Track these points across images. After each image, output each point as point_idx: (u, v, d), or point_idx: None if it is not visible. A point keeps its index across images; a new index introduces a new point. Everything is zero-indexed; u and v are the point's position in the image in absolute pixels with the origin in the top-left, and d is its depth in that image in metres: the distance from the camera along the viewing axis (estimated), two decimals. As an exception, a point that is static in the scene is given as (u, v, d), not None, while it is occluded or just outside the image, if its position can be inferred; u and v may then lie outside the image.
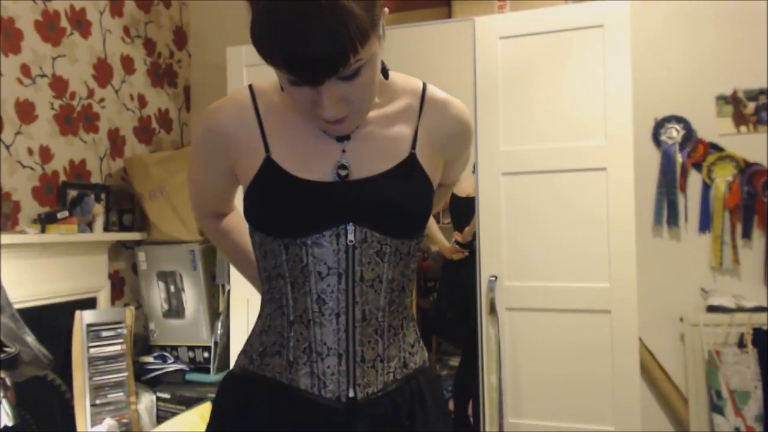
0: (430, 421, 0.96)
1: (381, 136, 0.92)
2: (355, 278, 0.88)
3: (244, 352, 0.99)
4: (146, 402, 2.67)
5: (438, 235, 2.88)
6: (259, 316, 0.98)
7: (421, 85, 0.97)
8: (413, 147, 0.93)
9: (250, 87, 0.95)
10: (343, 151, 0.90)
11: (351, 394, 0.89)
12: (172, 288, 2.91)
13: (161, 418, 2.69)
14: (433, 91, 0.97)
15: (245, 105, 0.93)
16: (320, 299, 0.89)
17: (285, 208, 0.88)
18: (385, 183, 0.90)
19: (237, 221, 1.14)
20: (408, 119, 0.94)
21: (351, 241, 0.87)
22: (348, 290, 0.88)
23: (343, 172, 0.89)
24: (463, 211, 2.63)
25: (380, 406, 0.91)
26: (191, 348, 2.90)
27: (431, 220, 2.87)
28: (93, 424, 2.39)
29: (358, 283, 0.88)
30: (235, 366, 1.00)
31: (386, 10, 0.81)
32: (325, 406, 0.89)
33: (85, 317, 2.48)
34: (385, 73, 0.92)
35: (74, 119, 2.68)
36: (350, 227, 0.87)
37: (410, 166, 0.92)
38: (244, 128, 0.92)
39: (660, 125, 2.61)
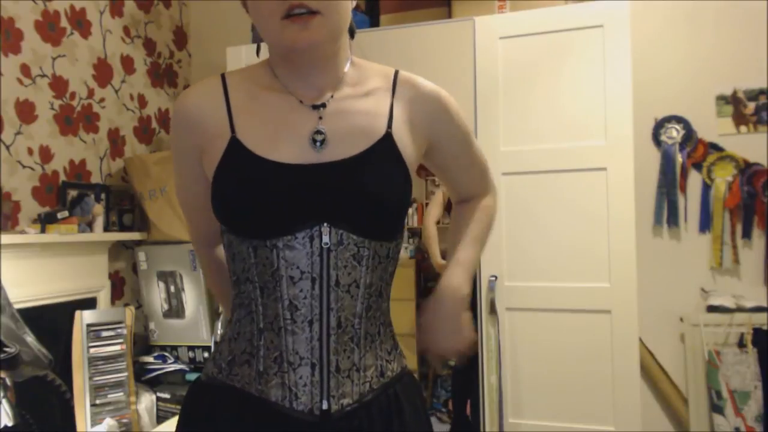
0: (407, 428, 0.91)
1: (356, 110, 0.89)
2: (330, 283, 0.84)
3: (213, 360, 0.93)
4: (146, 402, 2.67)
5: (433, 249, 2.85)
6: (229, 322, 0.94)
7: (394, 70, 0.96)
8: (389, 126, 0.89)
9: (223, 74, 0.93)
10: (320, 118, 0.87)
11: (324, 406, 0.84)
12: (172, 288, 2.91)
13: (161, 418, 2.69)
14: (405, 73, 0.96)
15: (213, 88, 0.91)
16: (292, 305, 0.84)
17: (252, 201, 0.83)
18: (361, 169, 0.85)
19: None
20: (382, 96, 0.92)
21: (326, 243, 0.82)
22: (322, 296, 0.84)
23: (318, 138, 0.85)
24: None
25: (355, 418, 0.87)
26: (191, 348, 2.89)
27: (432, 232, 2.85)
28: (93, 424, 2.39)
29: (333, 288, 0.84)
30: (202, 373, 0.95)
31: None
32: (297, 419, 0.84)
33: (85, 317, 2.48)
34: (351, 32, 0.94)
35: (74, 119, 2.68)
36: (325, 228, 0.82)
37: (386, 147, 0.88)
38: (210, 111, 0.89)
39: (660, 125, 2.62)
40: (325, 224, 0.82)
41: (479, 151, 1.05)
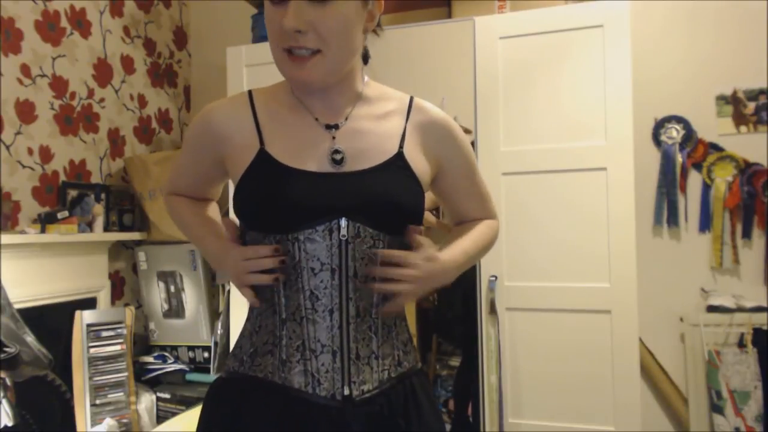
0: (425, 423, 0.95)
1: (370, 130, 0.95)
2: (348, 274, 0.89)
3: (233, 356, 0.97)
4: (146, 402, 2.67)
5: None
6: (248, 318, 0.98)
7: (409, 96, 1.03)
8: (401, 146, 0.95)
9: (249, 91, 0.99)
10: (333, 138, 0.93)
11: (346, 392, 0.89)
12: (172, 288, 2.91)
13: (161, 418, 2.69)
14: (419, 100, 1.03)
15: (242, 104, 0.97)
16: (313, 295, 0.89)
17: (277, 198, 0.88)
18: (376, 177, 0.91)
19: (213, 207, 1.14)
20: (396, 118, 0.98)
21: (344, 236, 0.87)
22: (341, 286, 0.89)
23: (337, 157, 0.91)
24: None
25: (375, 404, 0.90)
26: (191, 348, 2.90)
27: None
28: (93, 424, 2.39)
29: (352, 278, 0.89)
30: (223, 372, 0.99)
31: None
32: (320, 404, 0.88)
33: (85, 317, 2.48)
34: (365, 58, 1.00)
35: (74, 119, 2.68)
36: (343, 222, 0.87)
37: (398, 163, 0.94)
38: (238, 125, 0.94)
39: (660, 125, 2.61)
40: (343, 218, 0.87)
41: (483, 181, 1.10)
